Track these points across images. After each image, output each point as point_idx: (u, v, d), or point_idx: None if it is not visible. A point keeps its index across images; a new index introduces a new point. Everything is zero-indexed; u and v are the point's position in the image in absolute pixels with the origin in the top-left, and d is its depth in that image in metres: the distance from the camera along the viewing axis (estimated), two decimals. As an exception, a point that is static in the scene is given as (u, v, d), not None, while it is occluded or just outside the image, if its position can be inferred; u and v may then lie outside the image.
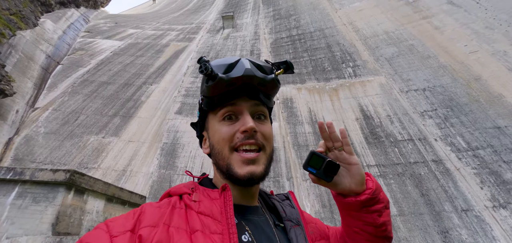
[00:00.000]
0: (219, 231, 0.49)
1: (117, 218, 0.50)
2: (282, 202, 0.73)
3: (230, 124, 0.61)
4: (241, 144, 0.58)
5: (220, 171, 0.62)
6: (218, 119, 0.62)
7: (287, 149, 6.65)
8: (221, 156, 0.60)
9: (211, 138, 0.64)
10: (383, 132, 6.30)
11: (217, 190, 0.58)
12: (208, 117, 0.66)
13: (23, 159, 7.45)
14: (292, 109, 7.78)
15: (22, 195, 5.23)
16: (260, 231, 0.56)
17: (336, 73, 8.60)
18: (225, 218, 0.51)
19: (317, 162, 0.63)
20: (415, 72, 7.43)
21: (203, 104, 0.64)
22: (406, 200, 4.87)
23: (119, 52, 12.37)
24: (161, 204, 0.54)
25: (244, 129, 0.58)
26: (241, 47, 11.67)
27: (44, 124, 8.28)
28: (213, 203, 0.54)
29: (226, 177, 0.61)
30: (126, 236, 0.46)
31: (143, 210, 0.51)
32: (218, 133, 0.61)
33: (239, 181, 0.58)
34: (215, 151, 0.62)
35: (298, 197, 5.56)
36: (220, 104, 0.61)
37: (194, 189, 0.59)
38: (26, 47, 10.47)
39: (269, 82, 0.65)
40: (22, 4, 12.33)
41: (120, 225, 0.47)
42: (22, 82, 9.35)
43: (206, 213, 0.52)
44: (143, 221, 0.49)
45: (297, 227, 0.64)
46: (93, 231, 0.47)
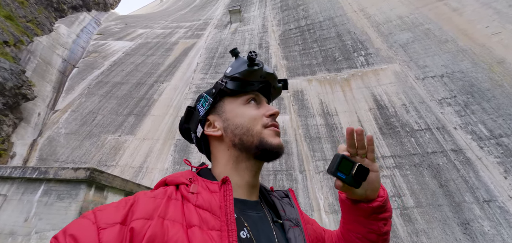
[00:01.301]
0: (217, 227, 0.46)
1: (107, 207, 0.46)
2: (281, 199, 0.72)
3: (255, 107, 0.67)
4: (272, 124, 0.65)
5: (246, 147, 0.62)
6: (243, 103, 0.66)
7: (299, 141, 6.61)
8: (251, 132, 0.62)
9: (234, 118, 0.64)
10: (398, 121, 6.11)
11: (216, 182, 0.55)
12: (222, 101, 0.67)
13: (47, 158, 7.87)
14: (303, 102, 7.69)
15: (47, 193, 5.56)
16: (258, 228, 0.54)
17: (348, 63, 8.38)
18: (225, 213, 0.48)
19: (346, 166, 0.60)
20: (432, 58, 7.11)
21: (227, 85, 0.66)
22: (423, 191, 4.73)
23: (131, 52, 12.64)
24: (156, 193, 0.51)
25: (273, 112, 0.66)
26: (249, 41, 11.59)
27: (64, 125, 8.67)
28: (212, 196, 0.52)
29: (256, 151, 0.61)
30: (115, 228, 0.42)
31: (136, 199, 0.48)
32: (247, 113, 0.64)
33: (273, 151, 0.62)
34: (240, 130, 0.62)
35: (311, 190, 5.55)
36: (247, 90, 0.67)
37: (193, 179, 0.56)
38: (43, 53, 10.92)
39: (279, 88, 0.75)
40: (37, 11, 12.81)
41: (110, 216, 0.44)
42: (42, 86, 9.80)
43: (205, 206, 0.49)
44: (136, 212, 0.45)
45: (296, 228, 0.63)
46: (79, 221, 0.43)
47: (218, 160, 0.64)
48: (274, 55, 10.15)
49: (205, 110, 0.67)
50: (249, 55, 0.65)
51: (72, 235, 0.40)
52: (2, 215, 5.44)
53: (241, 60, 0.68)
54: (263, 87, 0.70)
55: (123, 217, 0.44)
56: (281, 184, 5.81)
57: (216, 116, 0.67)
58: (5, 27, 10.00)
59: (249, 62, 0.66)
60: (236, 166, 0.63)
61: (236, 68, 0.67)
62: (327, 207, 5.19)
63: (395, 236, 4.33)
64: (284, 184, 5.80)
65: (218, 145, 0.65)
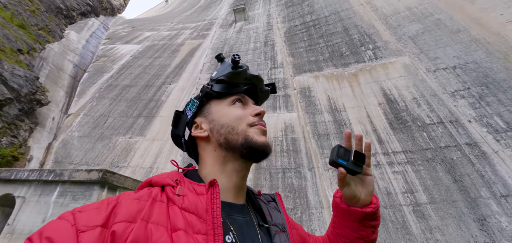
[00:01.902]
0: (203, 231, 0.45)
1: (87, 207, 0.44)
2: (268, 204, 0.71)
3: (241, 107, 0.68)
4: (258, 123, 0.65)
5: (231, 146, 0.62)
6: (228, 104, 0.67)
7: (307, 139, 6.57)
8: (236, 131, 0.62)
9: (220, 119, 0.65)
10: (409, 116, 5.97)
11: (204, 185, 0.54)
12: (209, 104, 0.69)
13: (62, 161, 8.14)
14: (310, 99, 7.62)
15: (63, 194, 5.77)
16: (244, 232, 0.54)
17: (355, 57, 8.24)
18: (211, 217, 0.47)
19: (344, 154, 0.63)
20: (444, 49, 6.89)
21: (213, 88, 0.68)
22: (437, 187, 4.62)
23: (138, 55, 12.86)
24: (140, 195, 0.49)
25: (259, 111, 0.67)
26: (254, 39, 11.57)
27: (77, 128, 8.93)
28: (198, 198, 0.50)
29: (241, 149, 0.61)
30: (96, 231, 0.40)
31: (120, 200, 0.46)
32: (232, 112, 0.65)
33: (258, 149, 0.61)
34: (225, 130, 0.63)
35: (320, 187, 5.51)
36: (232, 92, 0.68)
37: (179, 181, 0.54)
38: (55, 59, 11.26)
39: (266, 91, 0.77)
40: (48, 18, 13.22)
41: (90, 217, 0.42)
42: (55, 92, 10.11)
43: (191, 210, 0.48)
44: (118, 214, 0.43)
45: (282, 233, 0.62)
46: (57, 222, 0.41)
47: (205, 161, 0.64)
48: (280, 52, 10.10)
49: (192, 113, 0.68)
50: (233, 58, 0.68)
51: (48, 238, 0.38)
52: (21, 216, 5.68)
53: (226, 63, 0.71)
54: (250, 89, 0.72)
55: (104, 219, 0.42)
56: (290, 182, 5.80)
57: (203, 118, 0.67)
58: (18, 36, 10.37)
59: (233, 65, 0.68)
60: (223, 167, 0.62)
61: (221, 71, 0.69)
62: (337, 204, 5.14)
63: (408, 233, 4.25)
64: (293, 182, 5.78)
65: (205, 146, 0.65)
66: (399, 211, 4.59)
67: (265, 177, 6.05)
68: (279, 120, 7.26)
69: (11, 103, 8.25)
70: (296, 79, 8.51)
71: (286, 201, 5.50)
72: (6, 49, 9.42)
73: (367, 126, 6.22)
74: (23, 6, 12.23)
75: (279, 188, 5.75)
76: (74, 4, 15.96)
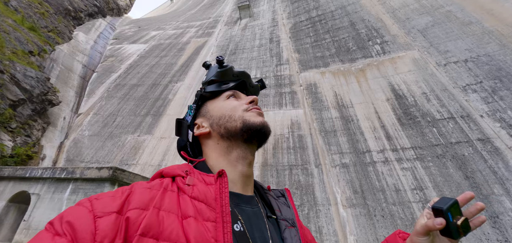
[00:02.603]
0: (212, 219, 0.47)
1: (103, 195, 0.47)
2: (277, 199, 0.71)
3: (235, 100, 0.72)
4: (253, 107, 0.69)
5: (232, 133, 0.64)
6: (223, 100, 0.72)
7: (314, 135, 6.54)
8: (233, 118, 0.66)
9: (217, 112, 0.69)
10: (418, 111, 5.86)
11: (212, 175, 0.56)
12: (205, 105, 0.73)
13: (74, 159, 8.36)
14: (316, 95, 7.57)
15: (75, 191, 5.94)
16: (252, 222, 0.55)
17: (362, 52, 8.11)
18: (220, 205, 0.48)
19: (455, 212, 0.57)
20: (454, 42, 6.70)
21: (206, 90, 0.73)
22: (447, 184, 4.53)
23: (145, 54, 13.00)
24: (152, 184, 0.51)
25: (252, 99, 0.71)
26: (259, 36, 11.52)
27: (87, 127, 9.14)
28: (207, 188, 0.52)
29: (242, 133, 0.64)
30: (111, 217, 0.42)
31: (133, 189, 0.48)
32: (228, 105, 0.69)
33: (257, 128, 0.64)
34: (223, 120, 0.66)
35: (327, 184, 5.50)
36: (224, 89, 0.73)
37: (189, 172, 0.56)
38: (65, 60, 11.51)
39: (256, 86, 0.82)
40: (57, 20, 13.49)
41: (106, 205, 0.44)
42: (65, 92, 10.36)
43: (200, 198, 0.50)
44: (131, 202, 0.45)
45: (292, 228, 0.63)
46: (76, 208, 0.43)
47: (211, 156, 0.66)
48: (286, 49, 10.03)
49: (191, 116, 0.72)
50: (217, 59, 0.74)
51: (68, 222, 0.40)
52: (36, 212, 5.89)
53: (213, 66, 0.77)
54: (239, 85, 0.76)
55: (119, 206, 0.44)
56: (297, 179, 5.79)
57: (202, 118, 0.71)
58: (29, 38, 10.64)
59: (219, 65, 0.74)
60: (228, 158, 0.64)
61: (210, 74, 0.76)
62: (344, 201, 5.12)
63: (417, 230, 4.20)
64: (299, 179, 5.78)
65: (208, 142, 0.68)
66: (408, 208, 4.53)
67: (272, 173, 6.07)
68: (285, 117, 7.24)
69: (24, 104, 8.50)
70: (302, 75, 8.45)
71: (293, 198, 5.49)
72: (18, 52, 9.69)
73: (375, 122, 6.14)
74: (33, 8, 12.52)
75: (286, 185, 5.76)
76: (82, 6, 16.22)
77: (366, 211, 4.80)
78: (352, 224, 4.74)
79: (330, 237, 4.73)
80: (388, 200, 4.76)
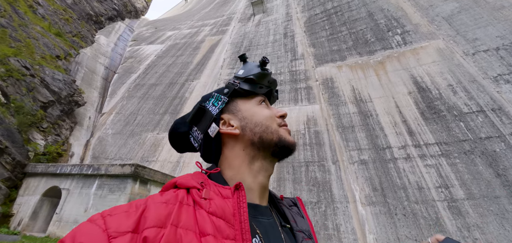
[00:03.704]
0: (232, 236, 0.45)
1: (116, 210, 0.45)
2: (290, 208, 0.69)
3: (267, 108, 0.69)
4: (284, 123, 0.68)
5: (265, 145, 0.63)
6: (256, 103, 0.68)
7: (331, 131, 6.40)
8: (270, 130, 0.64)
9: (252, 117, 0.65)
10: (443, 104, 5.53)
11: (229, 188, 0.53)
12: (234, 101, 0.68)
13: (99, 156, 8.85)
14: (333, 90, 7.38)
15: (101, 186, 6.31)
16: (269, 234, 0.54)
17: (381, 44, 7.77)
18: (239, 222, 0.47)
19: None
20: (484, 28, 6.22)
21: (241, 86, 0.69)
22: (476, 182, 4.26)
23: (162, 55, 13.38)
24: (167, 198, 0.49)
25: (283, 113, 0.69)
26: (273, 32, 11.41)
27: (111, 126, 9.62)
28: (225, 202, 0.50)
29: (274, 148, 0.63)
30: (127, 237, 0.40)
31: (148, 204, 0.46)
32: (263, 112, 0.67)
33: (290, 148, 0.64)
34: (260, 128, 0.64)
35: (345, 181, 5.38)
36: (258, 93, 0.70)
37: (204, 183, 0.53)
38: (88, 63, 12.15)
39: (276, 96, 0.79)
40: (80, 25, 14.24)
41: (121, 223, 0.42)
42: (90, 93, 10.96)
43: (218, 214, 0.48)
44: (148, 219, 0.43)
45: (309, 240, 0.61)
46: (88, 226, 0.41)
47: (231, 161, 0.63)
48: (300, 43, 9.86)
49: (219, 109, 0.66)
50: (264, 60, 0.70)
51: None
52: (66, 206, 6.34)
53: (253, 64, 0.72)
54: (269, 92, 0.75)
55: (134, 224, 0.42)
56: (313, 175, 5.73)
57: (231, 115, 0.66)
58: (56, 44, 11.34)
59: (263, 66, 0.70)
60: (250, 167, 0.62)
61: (249, 71, 0.70)
62: (363, 199, 4.99)
63: (442, 230, 4.00)
64: (316, 176, 5.70)
65: (233, 145, 0.64)
66: (432, 207, 4.33)
67: (288, 170, 6.05)
68: (301, 113, 7.15)
69: (53, 105, 9.11)
70: (318, 70, 8.28)
71: (310, 195, 5.46)
72: (47, 56, 10.36)
73: (396, 117, 5.89)
74: (58, 15, 13.29)
75: (302, 181, 5.72)
76: (102, 10, 16.97)
77: (386, 209, 4.65)
78: (372, 222, 4.61)
79: (348, 235, 4.64)
80: (410, 198, 4.57)
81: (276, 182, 5.92)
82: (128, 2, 20.17)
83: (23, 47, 9.70)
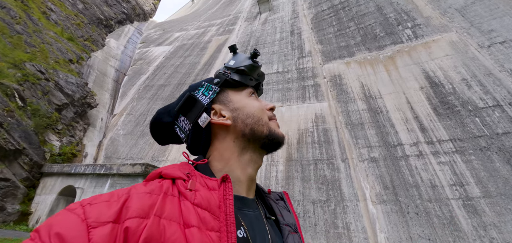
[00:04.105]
0: (216, 228, 0.45)
1: (97, 199, 0.42)
2: (277, 202, 0.69)
3: (257, 100, 0.69)
4: (274, 116, 0.68)
5: (256, 137, 0.62)
6: (247, 95, 0.68)
7: (340, 129, 6.32)
8: (261, 121, 0.63)
9: (244, 108, 0.64)
10: (457, 99, 5.35)
11: (215, 179, 0.52)
12: (225, 92, 0.67)
13: (111, 156, 9.09)
14: (341, 87, 7.28)
15: (113, 186, 6.49)
16: (254, 227, 0.53)
17: (391, 38, 7.59)
18: (224, 214, 0.46)
19: None
20: (500, 19, 5.96)
21: (233, 77, 0.68)
22: (493, 179, 4.10)
23: (170, 56, 13.56)
24: (152, 188, 0.47)
25: (272, 106, 0.69)
26: (280, 30, 11.34)
27: (122, 127, 9.86)
28: (211, 194, 0.49)
29: (265, 140, 0.62)
30: (107, 228, 0.38)
31: (130, 194, 0.44)
32: (254, 104, 0.66)
33: (279, 141, 0.64)
34: (252, 119, 0.63)
35: (355, 179, 5.30)
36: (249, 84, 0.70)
37: (190, 174, 0.52)
38: (99, 66, 12.47)
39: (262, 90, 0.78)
40: (91, 29, 14.63)
41: (101, 212, 0.40)
42: (101, 95, 11.26)
43: (203, 206, 0.47)
44: (130, 209, 0.41)
45: (295, 234, 0.61)
46: (66, 215, 0.39)
47: (222, 152, 0.61)
48: (307, 40, 9.76)
49: (209, 99, 0.64)
50: (255, 52, 0.69)
51: (58, 234, 0.36)
52: (82, 205, 6.58)
53: (243, 55, 0.71)
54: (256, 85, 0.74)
55: (116, 214, 0.40)
56: (322, 174, 5.68)
57: (222, 105, 0.65)
58: (69, 48, 11.70)
59: (254, 57, 0.69)
60: (240, 159, 0.61)
61: (241, 62, 0.69)
62: (374, 197, 4.90)
63: (457, 229, 3.88)
64: (325, 173, 5.65)
65: (224, 136, 0.63)
66: (446, 205, 4.20)
67: (297, 168, 6.02)
68: (309, 111, 7.09)
69: (67, 107, 9.42)
70: (325, 67, 8.18)
71: (319, 193, 5.41)
72: (60, 61, 10.71)
73: (407, 113, 5.75)
74: (70, 20, 13.70)
75: (311, 180, 5.68)
76: (112, 14, 17.37)
77: (398, 207, 4.55)
78: (383, 221, 4.53)
79: (358, 234, 4.58)
80: (423, 197, 4.45)
81: (285, 181, 5.91)
82: (136, 5, 20.55)
83: (38, 52, 10.07)
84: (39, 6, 12.34)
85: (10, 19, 10.00)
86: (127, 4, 19.55)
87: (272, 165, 6.35)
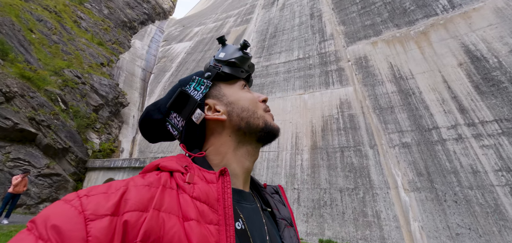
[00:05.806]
0: (215, 221, 0.45)
1: (94, 191, 0.42)
2: (272, 196, 0.68)
3: (250, 92, 0.68)
4: (267, 108, 0.68)
5: (252, 130, 0.62)
6: (239, 88, 0.67)
7: (367, 114, 6.04)
8: (256, 114, 0.63)
9: (238, 102, 0.63)
10: (504, 74, 4.77)
11: (214, 172, 0.52)
12: (217, 85, 0.66)
13: (144, 151, 9.75)
14: (367, 69, 6.89)
15: (147, 179, 7.03)
16: (252, 219, 0.53)
17: (423, 11, 6.92)
18: (223, 207, 0.46)
19: None
20: (561, -24, 5.11)
21: (224, 69, 0.66)
22: (549, 161, 3.66)
23: (191, 51, 13.88)
24: (150, 181, 0.46)
25: (265, 98, 0.69)
26: (299, 14, 10.93)
27: (151, 124, 10.47)
28: (209, 187, 0.49)
29: (261, 133, 0.62)
30: (105, 221, 0.37)
31: (129, 186, 0.44)
32: (248, 96, 0.66)
33: (274, 133, 0.64)
34: (247, 113, 0.62)
35: (385, 166, 5.08)
36: (240, 76, 0.68)
37: (188, 167, 0.52)
38: (128, 66, 13.22)
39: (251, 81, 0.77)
40: (117, 32, 15.46)
41: (99, 205, 0.39)
42: (131, 94, 12.00)
43: (202, 199, 0.47)
44: (129, 201, 0.41)
45: (290, 228, 0.60)
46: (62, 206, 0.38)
47: (218, 147, 0.61)
48: (329, 22, 9.30)
49: (202, 94, 0.63)
50: (245, 42, 0.68)
51: (54, 226, 0.35)
52: (122, 197, 7.23)
53: (233, 46, 0.69)
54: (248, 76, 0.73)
55: (114, 206, 0.39)
56: (350, 161, 5.52)
57: (216, 100, 0.63)
58: (99, 52, 12.55)
59: (244, 48, 0.68)
60: (236, 152, 0.60)
61: (231, 54, 0.67)
62: (406, 184, 4.67)
63: (503, 218, 3.56)
64: (352, 161, 5.49)
65: (220, 131, 0.62)
66: (490, 192, 3.86)
67: (322, 156, 5.92)
68: (333, 97, 6.86)
69: (102, 107, 10.23)
70: (349, 49, 7.77)
71: (346, 181, 5.29)
72: (93, 65, 11.55)
73: (444, 93, 5.28)
74: (98, 26, 14.60)
75: (337, 167, 5.56)
76: (134, 16, 18.14)
77: (433, 195, 4.29)
78: (416, 209, 4.31)
79: (389, 222, 4.43)
80: (463, 184, 4.13)
81: (310, 169, 5.86)
82: (156, 4, 21.17)
83: (73, 58, 10.95)
84: (70, 16, 13.32)
85: (47, 30, 10.95)
86: (147, 4, 20.22)
87: (297, 153, 6.31)
